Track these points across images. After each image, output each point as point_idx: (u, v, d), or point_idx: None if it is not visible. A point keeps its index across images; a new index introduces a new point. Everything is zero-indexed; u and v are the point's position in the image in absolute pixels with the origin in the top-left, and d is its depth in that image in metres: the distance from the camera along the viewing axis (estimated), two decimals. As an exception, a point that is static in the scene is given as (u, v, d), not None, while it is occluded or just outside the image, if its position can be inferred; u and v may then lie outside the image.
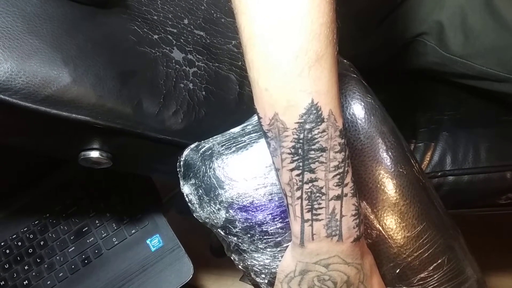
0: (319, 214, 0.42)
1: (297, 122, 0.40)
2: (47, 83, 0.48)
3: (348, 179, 0.42)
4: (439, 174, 0.74)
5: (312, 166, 0.41)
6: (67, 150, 0.57)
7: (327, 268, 0.44)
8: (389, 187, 0.52)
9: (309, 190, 0.41)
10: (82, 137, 0.54)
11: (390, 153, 0.52)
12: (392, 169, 0.52)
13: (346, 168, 0.42)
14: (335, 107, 0.40)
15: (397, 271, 0.51)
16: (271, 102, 0.40)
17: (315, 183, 0.41)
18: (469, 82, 0.70)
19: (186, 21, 0.62)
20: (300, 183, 0.41)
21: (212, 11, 0.66)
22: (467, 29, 0.64)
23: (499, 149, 0.73)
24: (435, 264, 0.52)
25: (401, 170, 0.52)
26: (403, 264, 0.51)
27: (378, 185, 0.52)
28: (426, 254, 0.52)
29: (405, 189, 0.52)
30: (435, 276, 0.52)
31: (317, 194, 0.42)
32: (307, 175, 0.41)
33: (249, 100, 0.61)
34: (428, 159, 0.74)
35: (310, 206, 0.42)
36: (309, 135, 0.40)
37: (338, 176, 0.41)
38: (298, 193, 0.42)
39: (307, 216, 0.42)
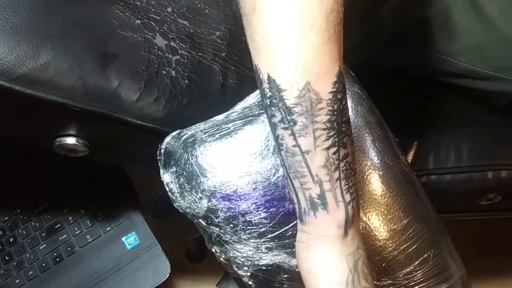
0: (353, 192, 0.39)
1: (331, 92, 0.36)
2: (23, 61, 0.46)
3: None
4: (422, 173, 0.74)
5: (344, 140, 0.37)
6: (42, 136, 0.54)
7: (361, 249, 0.41)
8: (376, 178, 0.51)
9: (344, 167, 0.38)
10: (58, 122, 0.51)
11: (377, 144, 0.52)
12: (379, 161, 0.51)
13: None
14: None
15: (383, 265, 0.50)
16: (301, 69, 0.35)
17: (347, 159, 0.38)
18: (452, 80, 0.70)
19: (169, 9, 0.61)
20: (337, 162, 0.37)
21: (196, 1, 0.64)
22: (451, 26, 0.64)
23: (481, 149, 0.73)
24: (420, 259, 0.51)
25: (388, 161, 0.52)
26: (388, 258, 0.50)
27: (365, 176, 0.51)
28: (412, 248, 0.51)
29: (391, 181, 0.51)
30: (420, 271, 0.52)
31: (350, 171, 0.38)
32: (342, 151, 0.38)
33: (232, 91, 0.60)
34: (410, 158, 0.74)
35: (348, 186, 0.38)
36: (341, 106, 0.37)
37: (354, 149, 0.40)
38: (336, 174, 0.38)
39: (348, 197, 0.39)
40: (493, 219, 0.91)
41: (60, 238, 0.75)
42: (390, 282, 0.50)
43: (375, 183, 0.51)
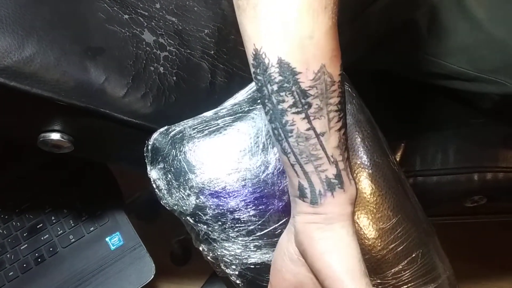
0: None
1: (340, 74, 0.37)
2: (7, 53, 0.45)
3: None
4: (408, 174, 0.74)
5: (347, 122, 0.40)
6: (26, 131, 0.53)
7: None
8: (365, 177, 0.51)
9: (347, 147, 0.39)
10: (43, 116, 0.50)
11: (366, 143, 0.51)
12: (368, 159, 0.51)
13: None
14: None
15: (372, 264, 0.50)
16: (316, 52, 0.35)
17: (348, 140, 0.39)
18: (440, 82, 0.71)
19: (158, 6, 0.60)
20: (345, 142, 0.39)
21: (185, -2, 0.64)
22: (439, 28, 0.65)
23: (467, 151, 0.74)
24: (409, 258, 0.51)
25: (377, 160, 0.52)
26: (377, 257, 0.50)
27: (354, 175, 0.51)
28: (401, 248, 0.51)
29: (380, 179, 0.51)
30: (408, 270, 0.51)
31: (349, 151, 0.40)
32: (347, 132, 0.39)
33: (220, 89, 0.59)
34: (398, 159, 0.74)
35: (351, 164, 0.39)
36: (344, 89, 0.38)
37: None
38: (346, 154, 0.39)
39: (353, 175, 0.40)
40: (479, 223, 0.91)
41: (42, 238, 0.74)
42: (379, 281, 0.50)
43: (364, 182, 0.51)
